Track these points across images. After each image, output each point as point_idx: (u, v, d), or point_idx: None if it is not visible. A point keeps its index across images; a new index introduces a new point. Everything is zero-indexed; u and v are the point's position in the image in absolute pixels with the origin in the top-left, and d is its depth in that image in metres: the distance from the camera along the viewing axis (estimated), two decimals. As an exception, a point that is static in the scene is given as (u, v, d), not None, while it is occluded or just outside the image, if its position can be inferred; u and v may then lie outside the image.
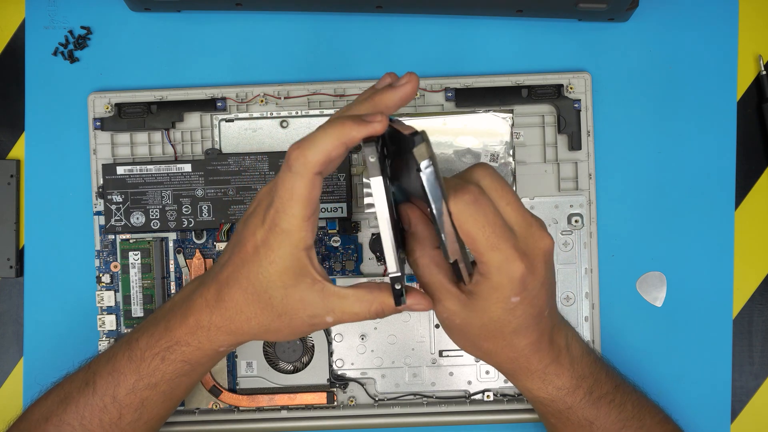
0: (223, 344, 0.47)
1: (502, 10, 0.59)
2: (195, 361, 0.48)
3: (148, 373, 0.48)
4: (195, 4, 0.60)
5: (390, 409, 0.59)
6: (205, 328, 0.47)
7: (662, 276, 0.60)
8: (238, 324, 0.46)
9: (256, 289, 0.45)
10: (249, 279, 0.45)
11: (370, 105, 0.43)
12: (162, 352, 0.48)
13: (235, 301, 0.46)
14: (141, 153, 0.60)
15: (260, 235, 0.44)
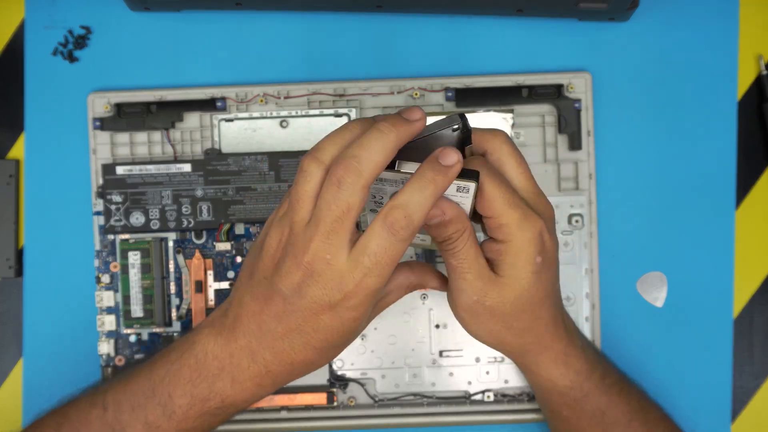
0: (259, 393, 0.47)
1: (502, 10, 0.59)
2: (227, 404, 0.47)
3: (193, 427, 0.46)
4: (195, 4, 0.60)
5: (390, 409, 0.59)
6: (248, 388, 0.46)
7: (662, 276, 0.60)
8: (280, 377, 0.46)
9: (323, 337, 0.43)
10: (316, 326, 0.43)
11: (380, 135, 0.41)
12: (212, 410, 0.46)
13: (286, 370, 0.45)
14: (141, 153, 0.60)
15: (308, 262, 0.41)
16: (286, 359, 0.44)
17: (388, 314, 0.59)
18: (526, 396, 0.59)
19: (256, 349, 0.45)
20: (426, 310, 0.59)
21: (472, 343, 0.59)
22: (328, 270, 0.41)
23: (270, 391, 0.47)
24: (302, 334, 0.43)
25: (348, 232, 0.40)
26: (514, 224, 0.44)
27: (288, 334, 0.43)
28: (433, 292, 0.59)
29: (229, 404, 0.46)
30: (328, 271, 0.41)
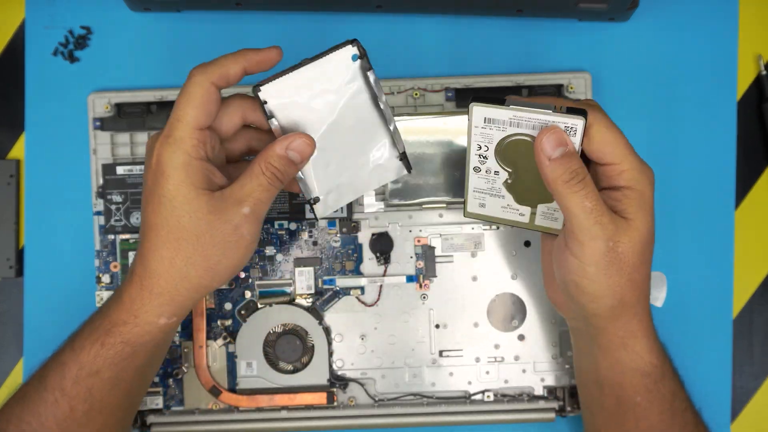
0: (161, 313, 0.46)
1: (502, 10, 0.59)
2: (135, 341, 0.47)
3: (89, 360, 0.47)
4: (195, 4, 0.60)
5: (390, 409, 0.59)
6: (138, 300, 0.46)
7: (662, 276, 0.60)
8: (162, 275, 0.45)
9: (164, 218, 0.44)
10: (156, 212, 0.45)
11: (240, 54, 0.46)
12: (101, 337, 0.47)
13: (153, 247, 0.45)
14: (141, 153, 0.60)
15: (156, 154, 0.45)
16: (144, 252, 0.47)
17: (388, 314, 0.59)
18: (526, 396, 0.59)
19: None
20: (426, 310, 0.59)
21: (472, 343, 0.59)
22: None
23: (148, 308, 0.46)
24: (144, 214, 0.47)
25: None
26: (637, 169, 0.45)
27: (141, 220, 0.48)
28: (433, 291, 0.59)
29: (113, 324, 0.47)
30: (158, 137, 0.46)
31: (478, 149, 0.46)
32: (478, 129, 0.45)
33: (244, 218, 0.45)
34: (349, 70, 0.47)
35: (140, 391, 0.52)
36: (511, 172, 0.47)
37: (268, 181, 0.45)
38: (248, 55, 0.46)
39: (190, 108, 0.44)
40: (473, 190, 0.49)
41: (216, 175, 0.46)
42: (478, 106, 0.44)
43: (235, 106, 0.48)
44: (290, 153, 0.46)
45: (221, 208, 0.45)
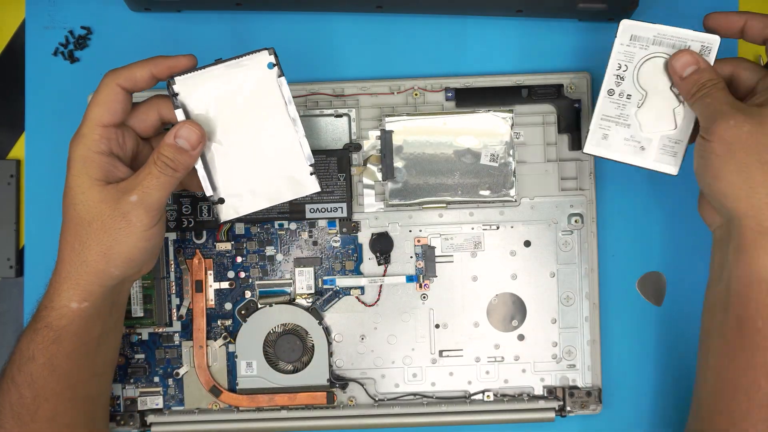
0: (71, 297, 0.48)
1: (502, 10, 0.59)
2: (55, 325, 0.49)
3: (25, 346, 0.49)
4: (195, 4, 0.60)
5: (390, 409, 0.59)
6: (53, 285, 0.49)
7: (662, 276, 0.60)
8: (66, 260, 0.49)
9: (66, 207, 0.49)
10: (63, 200, 0.49)
11: (150, 60, 0.50)
12: (32, 324, 0.50)
13: (61, 234, 0.49)
14: (141, 153, 0.60)
15: (69, 150, 0.49)
16: (59, 242, 0.50)
17: (388, 314, 0.59)
18: (526, 396, 0.59)
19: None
20: (426, 310, 0.59)
21: (472, 343, 0.59)
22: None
23: (60, 291, 0.49)
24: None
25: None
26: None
27: None
28: (433, 291, 0.59)
29: (38, 311, 0.49)
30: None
31: (617, 68, 0.52)
32: (623, 47, 0.52)
33: (131, 206, 0.48)
34: (263, 76, 0.49)
35: (87, 383, 0.52)
36: (644, 95, 0.52)
37: (157, 169, 0.48)
38: (158, 60, 0.49)
39: (95, 106, 0.48)
40: (601, 117, 0.52)
41: (119, 168, 0.49)
42: (627, 22, 0.52)
43: (151, 104, 0.51)
44: (178, 141, 0.48)
45: (112, 198, 0.48)
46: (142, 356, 0.59)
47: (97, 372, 0.53)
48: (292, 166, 0.50)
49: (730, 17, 0.50)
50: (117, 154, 0.49)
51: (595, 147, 0.52)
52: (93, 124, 0.48)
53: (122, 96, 0.48)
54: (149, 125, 0.51)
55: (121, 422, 0.59)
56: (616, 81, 0.52)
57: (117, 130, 0.49)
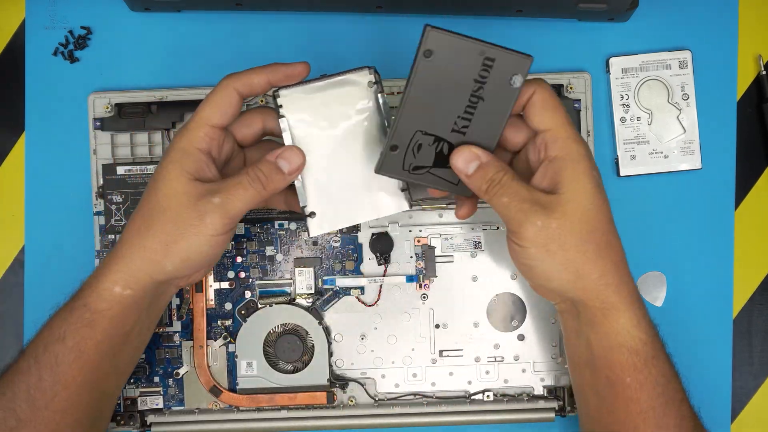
0: (116, 280, 0.48)
1: (502, 10, 0.59)
2: (93, 307, 0.48)
3: (57, 325, 0.49)
4: (195, 4, 0.60)
5: (390, 409, 0.59)
6: (102, 266, 0.49)
7: (662, 276, 0.60)
8: (128, 241, 0.48)
9: (148, 191, 0.49)
10: (147, 186, 0.49)
11: (268, 67, 0.49)
12: (69, 303, 0.50)
13: (132, 217, 0.49)
14: (141, 153, 0.60)
15: (171, 141, 0.49)
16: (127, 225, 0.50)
17: (388, 314, 0.59)
18: (526, 396, 0.59)
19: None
20: (426, 310, 0.60)
21: (472, 343, 0.59)
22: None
23: (108, 272, 0.49)
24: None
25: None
26: (572, 138, 0.47)
27: None
28: (433, 291, 0.59)
29: (80, 290, 0.50)
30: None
31: (621, 99, 0.57)
32: (618, 80, 0.59)
33: (211, 207, 0.47)
34: (363, 93, 0.49)
35: (109, 379, 0.51)
36: (650, 113, 0.58)
37: (248, 180, 0.48)
38: (276, 67, 0.48)
39: (208, 106, 0.48)
40: (623, 143, 0.59)
41: (210, 168, 0.49)
42: (615, 59, 0.59)
43: (257, 114, 0.51)
44: (279, 161, 0.48)
45: (196, 193, 0.47)
46: (143, 356, 0.59)
47: (118, 369, 0.52)
48: (384, 182, 0.50)
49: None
50: (213, 155, 0.49)
51: (628, 168, 0.60)
52: (202, 121, 0.48)
53: (236, 100, 0.48)
54: (251, 134, 0.51)
55: (121, 422, 0.59)
56: (624, 109, 0.59)
57: (221, 132, 0.49)
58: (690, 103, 0.60)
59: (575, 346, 0.51)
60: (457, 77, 0.45)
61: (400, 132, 0.47)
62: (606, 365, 0.48)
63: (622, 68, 0.60)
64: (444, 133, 0.47)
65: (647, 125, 0.59)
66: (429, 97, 0.46)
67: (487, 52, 0.45)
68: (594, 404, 0.50)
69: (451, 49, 0.45)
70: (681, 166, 0.60)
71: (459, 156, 0.47)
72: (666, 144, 0.60)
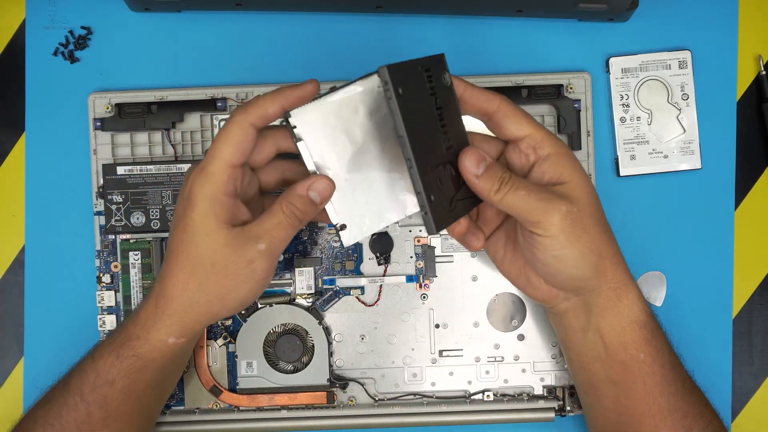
0: (170, 333, 0.48)
1: (502, 10, 0.59)
2: (146, 356, 0.49)
3: (105, 370, 0.49)
4: (195, 4, 0.60)
5: (390, 409, 0.59)
6: (151, 318, 0.48)
7: (662, 276, 0.60)
8: (176, 298, 0.47)
9: (184, 245, 0.47)
10: (178, 237, 0.47)
11: (279, 93, 0.47)
12: (117, 349, 0.49)
13: (170, 270, 0.47)
14: (141, 153, 0.60)
15: (189, 184, 0.47)
16: (163, 275, 0.49)
17: (388, 314, 0.59)
18: (526, 396, 0.59)
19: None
20: (426, 310, 0.60)
21: (471, 343, 0.59)
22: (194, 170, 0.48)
23: (160, 326, 0.49)
24: (170, 239, 0.49)
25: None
26: (553, 137, 0.48)
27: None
28: (433, 291, 0.59)
29: (127, 338, 0.49)
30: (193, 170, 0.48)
31: (620, 99, 0.57)
32: (618, 80, 0.59)
33: (258, 254, 0.46)
34: (375, 98, 0.48)
35: (155, 404, 0.53)
36: (650, 113, 0.58)
37: (286, 219, 0.47)
38: (287, 92, 0.47)
39: (227, 146, 0.46)
40: (623, 143, 0.59)
41: (241, 210, 0.48)
42: (615, 59, 0.59)
43: (267, 137, 0.49)
44: (311, 194, 0.47)
45: (238, 242, 0.46)
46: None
47: (162, 398, 0.54)
48: (405, 183, 0.49)
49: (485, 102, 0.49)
50: (240, 193, 0.48)
51: (628, 168, 0.60)
52: (223, 164, 0.46)
53: (252, 135, 0.46)
54: (264, 158, 0.49)
55: (121, 422, 0.59)
56: (624, 109, 0.59)
57: (241, 170, 0.47)
58: (690, 103, 0.60)
59: (581, 344, 0.51)
60: (422, 99, 0.46)
61: (424, 180, 0.45)
62: (620, 349, 0.50)
63: (621, 68, 0.60)
64: (444, 155, 0.47)
65: (647, 125, 0.60)
66: (419, 129, 0.45)
67: (422, 64, 0.46)
68: (611, 394, 0.51)
69: (405, 76, 0.44)
70: (681, 166, 0.60)
71: (469, 158, 0.47)
72: (666, 144, 0.60)
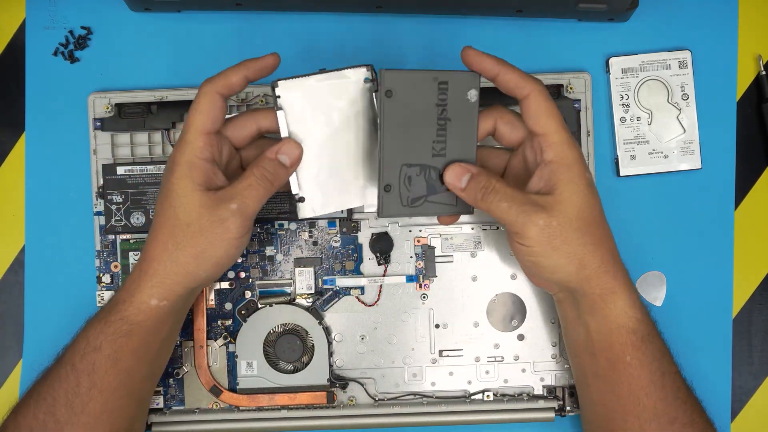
0: (152, 294, 0.50)
1: (502, 10, 0.59)
2: (131, 319, 0.50)
3: (94, 335, 0.51)
4: (195, 4, 0.60)
5: (390, 409, 0.59)
6: (136, 281, 0.51)
7: (662, 276, 0.60)
8: (156, 258, 0.50)
9: (164, 208, 0.50)
10: (160, 202, 0.50)
11: (242, 64, 0.50)
12: (105, 316, 0.51)
13: (152, 234, 0.50)
14: (141, 153, 0.60)
15: (171, 153, 0.50)
16: (148, 239, 0.52)
17: (388, 314, 0.59)
18: (525, 396, 0.59)
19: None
20: (426, 310, 0.60)
21: (471, 343, 0.59)
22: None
23: (143, 287, 0.50)
24: (155, 206, 0.52)
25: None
26: (566, 143, 0.49)
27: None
28: (433, 291, 0.59)
29: (114, 302, 0.51)
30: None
31: (621, 99, 0.57)
32: (618, 80, 0.59)
33: (230, 213, 0.49)
34: (359, 89, 0.51)
35: (142, 384, 0.53)
36: (650, 113, 0.59)
37: (257, 180, 0.50)
38: (248, 63, 0.50)
39: (197, 114, 0.49)
40: (623, 143, 0.59)
41: (218, 176, 0.50)
42: (615, 59, 0.59)
43: (249, 116, 0.52)
44: (280, 156, 0.50)
45: (212, 203, 0.49)
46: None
47: (150, 374, 0.54)
48: (368, 174, 0.52)
49: (484, 61, 0.50)
50: (216, 161, 0.50)
51: (628, 168, 0.60)
52: (197, 131, 0.49)
53: (221, 103, 0.50)
54: (245, 136, 0.52)
55: (121, 422, 0.59)
56: (624, 109, 0.59)
57: (216, 138, 0.50)
58: (690, 103, 0.60)
59: (575, 332, 0.53)
60: (421, 106, 0.49)
61: (386, 171, 0.49)
62: (606, 347, 0.51)
63: (622, 68, 0.60)
64: (426, 159, 0.50)
65: (647, 125, 0.60)
66: (402, 131, 0.49)
67: (439, 77, 0.49)
68: (596, 388, 0.53)
69: (407, 83, 0.48)
70: (681, 166, 0.60)
71: (450, 173, 0.50)
72: (666, 144, 0.60)
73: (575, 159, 0.49)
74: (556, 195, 0.49)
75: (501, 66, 0.50)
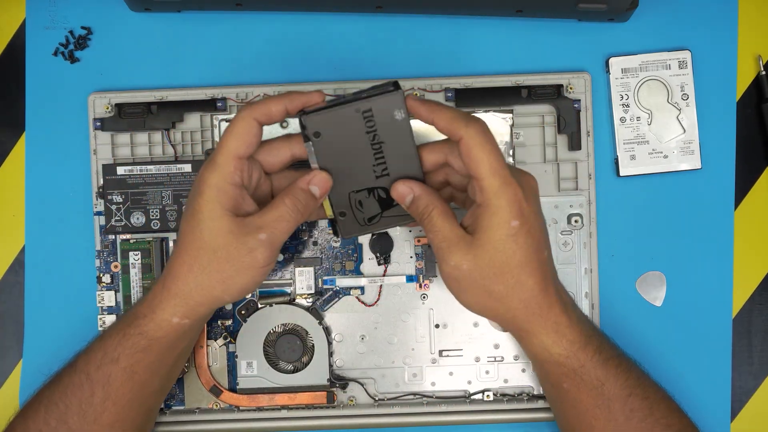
0: (175, 313, 0.50)
1: (502, 10, 0.59)
2: (150, 334, 0.50)
3: (112, 347, 0.51)
4: (195, 4, 0.60)
5: (390, 409, 0.59)
6: (158, 297, 0.50)
7: (662, 276, 0.60)
8: (181, 278, 0.49)
9: (191, 229, 0.49)
10: (186, 222, 0.49)
11: (285, 96, 0.50)
12: (124, 328, 0.51)
13: (178, 253, 0.50)
14: (141, 153, 0.60)
15: (199, 174, 0.49)
16: (172, 257, 0.51)
17: (388, 314, 0.59)
18: (525, 396, 0.59)
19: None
20: (426, 310, 0.60)
21: (471, 343, 0.59)
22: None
23: (165, 306, 0.50)
24: (180, 225, 0.51)
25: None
26: (493, 191, 0.47)
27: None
28: (433, 291, 0.59)
29: (134, 316, 0.51)
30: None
31: (620, 99, 0.58)
32: (618, 80, 0.59)
33: (259, 243, 0.49)
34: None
35: (155, 397, 0.54)
36: (650, 113, 0.59)
37: (288, 211, 0.49)
38: (292, 96, 0.49)
39: (232, 139, 0.49)
40: (623, 143, 0.59)
41: (247, 201, 0.50)
42: (615, 59, 0.60)
43: (284, 142, 0.51)
44: (312, 187, 0.50)
45: (241, 231, 0.48)
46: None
47: (163, 388, 0.54)
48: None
49: (418, 109, 0.49)
50: (246, 185, 0.50)
51: (628, 168, 0.60)
52: (229, 155, 0.48)
53: (257, 129, 0.49)
54: (278, 162, 0.51)
55: (121, 422, 0.59)
56: (623, 109, 0.59)
57: (248, 162, 0.50)
58: (690, 103, 0.60)
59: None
60: (352, 137, 0.49)
61: (336, 201, 0.51)
62: (544, 375, 0.53)
63: (621, 68, 0.60)
64: (371, 183, 0.51)
65: (647, 125, 0.60)
66: (341, 163, 0.50)
67: (361, 107, 0.48)
68: (552, 407, 0.56)
69: (332, 121, 0.48)
70: (681, 166, 0.60)
71: (395, 191, 0.50)
72: (666, 144, 0.60)
73: (500, 207, 0.47)
74: (475, 238, 0.48)
75: (434, 113, 0.48)
